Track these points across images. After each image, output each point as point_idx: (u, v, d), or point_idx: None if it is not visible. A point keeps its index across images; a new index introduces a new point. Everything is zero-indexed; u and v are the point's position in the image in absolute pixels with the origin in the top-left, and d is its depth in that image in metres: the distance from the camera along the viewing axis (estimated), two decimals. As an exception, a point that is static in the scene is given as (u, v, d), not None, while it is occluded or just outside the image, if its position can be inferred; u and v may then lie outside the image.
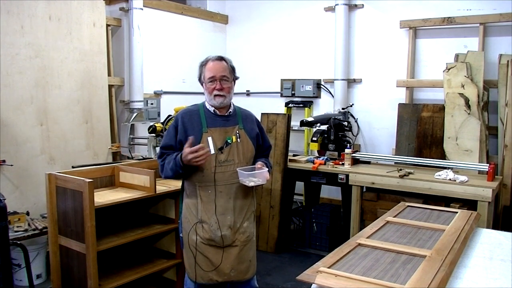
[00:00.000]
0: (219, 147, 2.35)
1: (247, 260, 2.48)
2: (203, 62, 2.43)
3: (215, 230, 2.35)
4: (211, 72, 2.36)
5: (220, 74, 2.36)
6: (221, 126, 2.40)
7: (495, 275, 1.86)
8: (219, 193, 2.36)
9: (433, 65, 4.79)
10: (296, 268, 4.00)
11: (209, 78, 2.36)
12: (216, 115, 2.41)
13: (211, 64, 2.38)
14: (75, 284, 2.90)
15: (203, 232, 2.37)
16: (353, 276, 1.69)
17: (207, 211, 2.36)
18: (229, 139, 2.38)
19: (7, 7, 3.77)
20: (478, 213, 2.73)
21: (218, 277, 2.40)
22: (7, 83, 3.80)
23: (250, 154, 2.47)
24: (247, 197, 2.47)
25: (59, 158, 4.20)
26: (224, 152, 2.36)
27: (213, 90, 2.35)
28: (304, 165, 4.47)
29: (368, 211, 4.03)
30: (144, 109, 4.98)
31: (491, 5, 4.43)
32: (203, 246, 2.38)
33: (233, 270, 2.41)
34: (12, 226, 3.38)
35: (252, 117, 2.59)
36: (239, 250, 2.43)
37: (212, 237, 2.36)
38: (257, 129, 2.57)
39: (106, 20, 4.72)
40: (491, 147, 4.39)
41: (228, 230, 2.38)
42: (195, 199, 2.39)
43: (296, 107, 5.75)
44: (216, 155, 2.34)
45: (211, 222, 2.36)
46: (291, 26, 5.82)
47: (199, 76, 2.45)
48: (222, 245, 2.39)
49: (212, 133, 2.36)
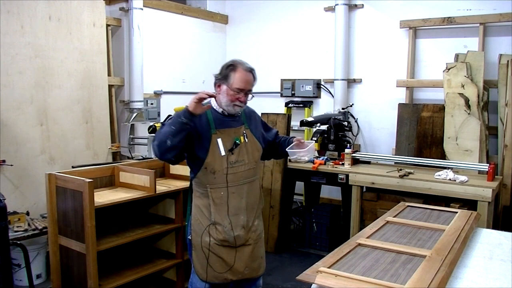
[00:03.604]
0: (229, 148, 2.34)
1: (259, 257, 2.50)
2: (232, 67, 2.31)
3: (229, 231, 2.35)
4: (243, 84, 2.30)
5: (248, 88, 2.34)
6: (229, 127, 2.38)
7: (495, 275, 1.85)
8: (232, 194, 2.35)
9: (433, 65, 4.79)
10: (296, 268, 4.00)
11: (238, 89, 2.30)
12: (224, 115, 2.39)
13: (244, 75, 2.31)
14: (75, 284, 2.90)
15: (217, 234, 2.35)
16: (353, 276, 1.69)
17: (220, 212, 2.35)
18: (237, 139, 2.36)
19: (7, 7, 3.77)
20: (478, 213, 2.72)
21: (232, 276, 2.40)
22: (7, 83, 3.80)
23: (258, 153, 2.48)
24: (257, 196, 2.49)
25: (59, 158, 4.20)
26: (234, 153, 2.35)
27: (236, 100, 2.32)
28: (304, 165, 4.46)
29: (368, 211, 4.03)
30: (144, 109, 4.98)
31: (491, 5, 4.43)
32: (216, 247, 2.37)
33: (247, 268, 2.43)
34: (12, 226, 3.38)
35: (255, 114, 2.60)
36: (252, 249, 2.44)
37: (226, 238, 2.36)
38: (261, 127, 2.58)
39: (106, 20, 4.72)
40: (491, 147, 4.39)
41: (241, 230, 2.38)
42: (207, 200, 2.36)
43: (296, 107, 5.75)
44: (227, 156, 2.32)
45: (224, 223, 2.35)
46: (291, 26, 5.82)
47: (221, 76, 2.33)
48: (235, 245, 2.39)
49: (221, 134, 2.34)
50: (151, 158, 3.98)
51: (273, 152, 2.67)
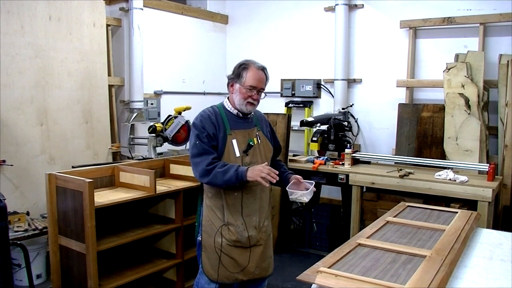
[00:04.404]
0: (244, 149, 2.36)
1: (268, 257, 2.53)
2: (245, 66, 2.35)
3: (242, 232, 2.36)
4: (255, 82, 2.33)
5: (261, 86, 2.36)
6: (243, 128, 2.41)
7: (495, 275, 1.86)
8: (245, 195, 2.37)
9: (433, 65, 4.79)
10: (296, 268, 4.00)
11: (250, 86, 2.32)
12: (238, 117, 2.42)
13: (256, 73, 2.34)
14: (75, 284, 2.90)
15: (229, 234, 2.36)
16: (353, 276, 1.69)
17: (233, 213, 2.36)
18: (250, 141, 2.39)
19: (7, 7, 3.77)
20: (478, 213, 2.73)
21: (243, 276, 2.42)
22: (7, 83, 3.80)
23: (270, 154, 2.51)
24: (267, 197, 2.51)
25: (59, 158, 4.20)
26: (249, 154, 2.38)
27: (249, 98, 2.34)
28: (304, 165, 4.47)
29: (368, 211, 4.03)
30: (144, 109, 4.99)
31: (491, 5, 4.43)
32: (229, 247, 2.38)
33: (257, 268, 2.45)
34: (12, 226, 3.38)
35: (265, 118, 2.63)
36: (263, 249, 2.47)
37: (238, 239, 2.37)
38: (270, 132, 2.61)
39: (106, 20, 4.72)
40: (491, 147, 4.39)
41: (254, 231, 2.40)
42: (220, 201, 2.37)
43: (296, 107, 5.75)
44: (242, 157, 2.35)
45: (237, 224, 2.36)
46: (291, 26, 5.82)
47: (235, 76, 2.36)
48: (249, 245, 2.40)
49: (236, 135, 2.36)
50: (151, 158, 3.98)
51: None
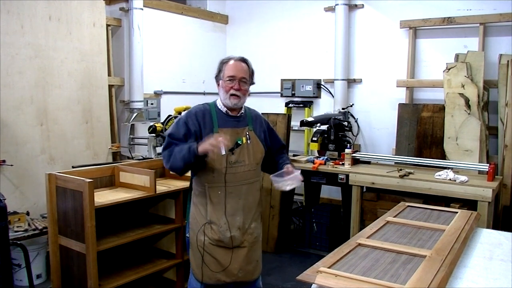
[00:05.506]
0: (230, 148, 2.33)
1: (254, 261, 2.49)
2: (224, 60, 2.40)
3: (224, 231, 2.35)
4: (232, 72, 2.35)
5: (240, 75, 2.35)
6: (232, 127, 2.39)
7: (495, 275, 1.86)
8: (229, 194, 2.35)
9: (433, 65, 4.79)
10: (296, 268, 4.00)
11: (229, 77, 2.33)
12: (228, 115, 2.40)
13: (233, 64, 2.37)
14: (75, 284, 2.90)
15: (212, 233, 2.35)
16: (353, 276, 1.69)
17: (217, 212, 2.35)
18: (239, 140, 2.37)
19: (7, 7, 3.77)
20: (478, 213, 2.73)
21: (226, 278, 2.39)
22: (7, 83, 3.80)
23: (260, 156, 2.47)
24: (256, 198, 2.47)
25: (59, 158, 4.20)
26: (235, 153, 2.35)
27: (230, 89, 2.33)
28: (304, 165, 4.46)
29: (368, 211, 4.02)
30: (144, 109, 4.98)
31: (491, 5, 4.43)
32: (211, 246, 2.36)
33: (241, 270, 2.41)
34: (12, 226, 3.38)
35: (261, 118, 2.59)
36: (247, 251, 2.43)
37: (221, 238, 2.35)
38: (266, 130, 2.57)
39: (106, 20, 4.72)
40: (491, 147, 4.39)
41: (237, 231, 2.37)
42: (204, 199, 2.37)
43: (296, 107, 5.75)
44: (227, 156, 2.32)
45: (220, 223, 2.35)
46: (291, 26, 5.82)
47: (217, 73, 2.42)
48: (231, 246, 2.38)
49: (223, 133, 2.33)
50: (151, 158, 3.99)
51: (266, 166, 2.59)
